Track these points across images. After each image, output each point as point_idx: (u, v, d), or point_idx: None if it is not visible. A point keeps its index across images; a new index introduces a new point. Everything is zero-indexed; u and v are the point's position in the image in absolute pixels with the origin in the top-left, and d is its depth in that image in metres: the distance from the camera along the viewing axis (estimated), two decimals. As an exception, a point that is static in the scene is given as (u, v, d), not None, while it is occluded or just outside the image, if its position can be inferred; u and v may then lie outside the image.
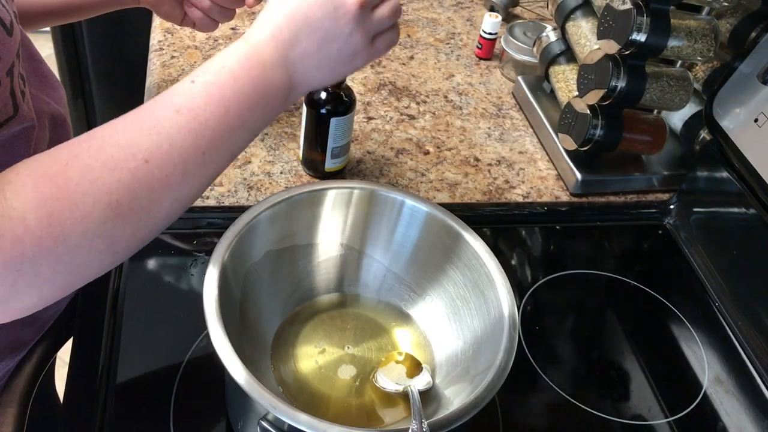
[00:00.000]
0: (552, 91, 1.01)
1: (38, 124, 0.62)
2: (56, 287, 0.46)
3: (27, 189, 0.43)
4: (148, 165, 0.46)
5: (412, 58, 1.13)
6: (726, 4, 0.81)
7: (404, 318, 0.69)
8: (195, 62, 1.04)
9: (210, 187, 0.84)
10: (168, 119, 0.47)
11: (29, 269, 0.43)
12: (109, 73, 1.73)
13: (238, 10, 0.85)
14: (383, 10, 0.55)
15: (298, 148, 0.91)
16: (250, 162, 0.88)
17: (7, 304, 0.44)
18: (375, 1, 0.54)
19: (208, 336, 0.52)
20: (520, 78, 1.06)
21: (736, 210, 0.81)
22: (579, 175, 0.90)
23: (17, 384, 0.70)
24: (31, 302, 0.45)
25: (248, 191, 0.84)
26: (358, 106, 1.01)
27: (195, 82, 0.49)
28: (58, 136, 0.69)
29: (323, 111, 0.80)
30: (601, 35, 0.82)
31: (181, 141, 0.47)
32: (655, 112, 0.92)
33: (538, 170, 0.95)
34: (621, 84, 0.82)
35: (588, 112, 0.86)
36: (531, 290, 0.80)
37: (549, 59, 1.00)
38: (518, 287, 0.80)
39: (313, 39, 0.52)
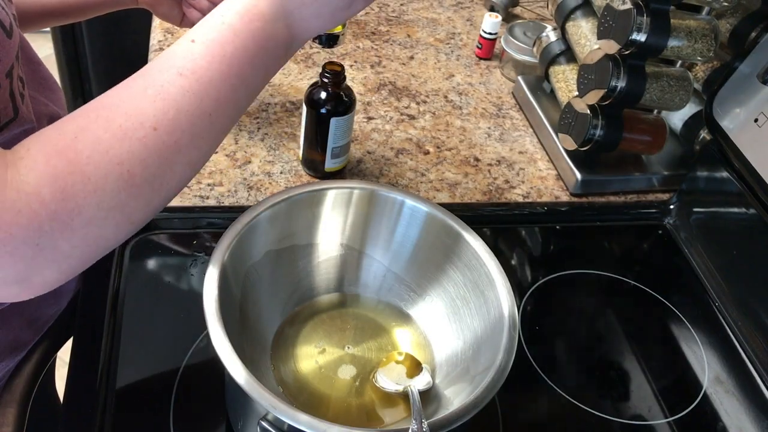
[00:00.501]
0: (552, 91, 1.01)
1: (37, 126, 0.62)
2: (75, 260, 0.46)
3: (39, 164, 0.42)
4: (156, 132, 0.45)
5: (412, 58, 1.13)
6: (726, 4, 0.81)
7: (404, 318, 0.69)
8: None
9: (210, 187, 0.84)
10: (171, 83, 0.46)
11: (47, 243, 0.43)
12: (109, 73, 1.73)
13: None
14: None
15: (298, 148, 0.91)
16: (250, 162, 0.88)
17: (28, 280, 0.44)
18: None
19: (208, 336, 0.52)
20: (520, 78, 1.06)
21: (736, 210, 0.81)
22: (579, 175, 0.90)
23: (17, 384, 0.70)
24: (51, 277, 0.45)
25: (248, 191, 0.84)
26: (358, 106, 1.01)
27: (195, 41, 0.48)
28: None
29: (323, 111, 0.80)
30: (601, 35, 0.82)
31: (187, 105, 0.46)
32: (655, 112, 0.92)
33: (538, 170, 0.95)
34: (621, 84, 0.82)
35: (588, 112, 0.86)
36: (531, 290, 0.80)
37: (549, 59, 1.00)
38: (518, 287, 0.80)
39: None
